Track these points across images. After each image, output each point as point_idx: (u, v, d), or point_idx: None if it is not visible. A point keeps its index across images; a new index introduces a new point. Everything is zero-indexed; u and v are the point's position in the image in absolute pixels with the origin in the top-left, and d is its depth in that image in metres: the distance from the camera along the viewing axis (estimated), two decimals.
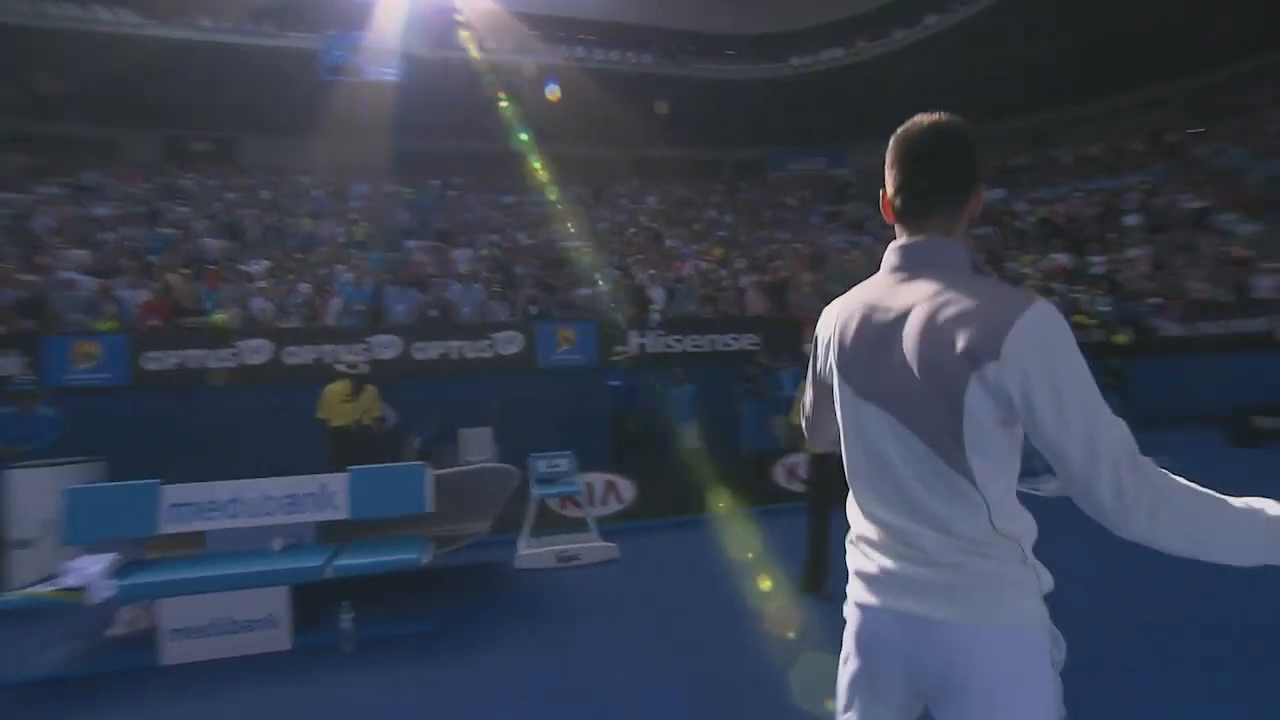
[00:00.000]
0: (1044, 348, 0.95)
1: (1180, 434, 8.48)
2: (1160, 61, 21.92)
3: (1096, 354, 11.37)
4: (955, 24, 21.88)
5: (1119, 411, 0.95)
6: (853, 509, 1.20)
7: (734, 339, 10.03)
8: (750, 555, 5.26)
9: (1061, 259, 13.99)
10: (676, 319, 10.08)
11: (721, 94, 24.91)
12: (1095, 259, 13.97)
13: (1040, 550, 1.08)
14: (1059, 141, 24.85)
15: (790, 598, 4.21)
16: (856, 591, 1.16)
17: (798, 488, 6.55)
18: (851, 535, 1.20)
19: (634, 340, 9.35)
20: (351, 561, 3.99)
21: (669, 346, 9.64)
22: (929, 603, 1.04)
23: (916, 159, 1.15)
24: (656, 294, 10.79)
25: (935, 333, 1.02)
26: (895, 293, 1.12)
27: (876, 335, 1.11)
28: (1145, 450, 0.93)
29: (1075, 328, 1.78)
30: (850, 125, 26.69)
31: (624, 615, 4.17)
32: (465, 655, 3.62)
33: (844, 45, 25.02)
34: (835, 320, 1.22)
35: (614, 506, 6.40)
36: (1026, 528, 1.06)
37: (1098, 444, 0.91)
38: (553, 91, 20.66)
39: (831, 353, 1.21)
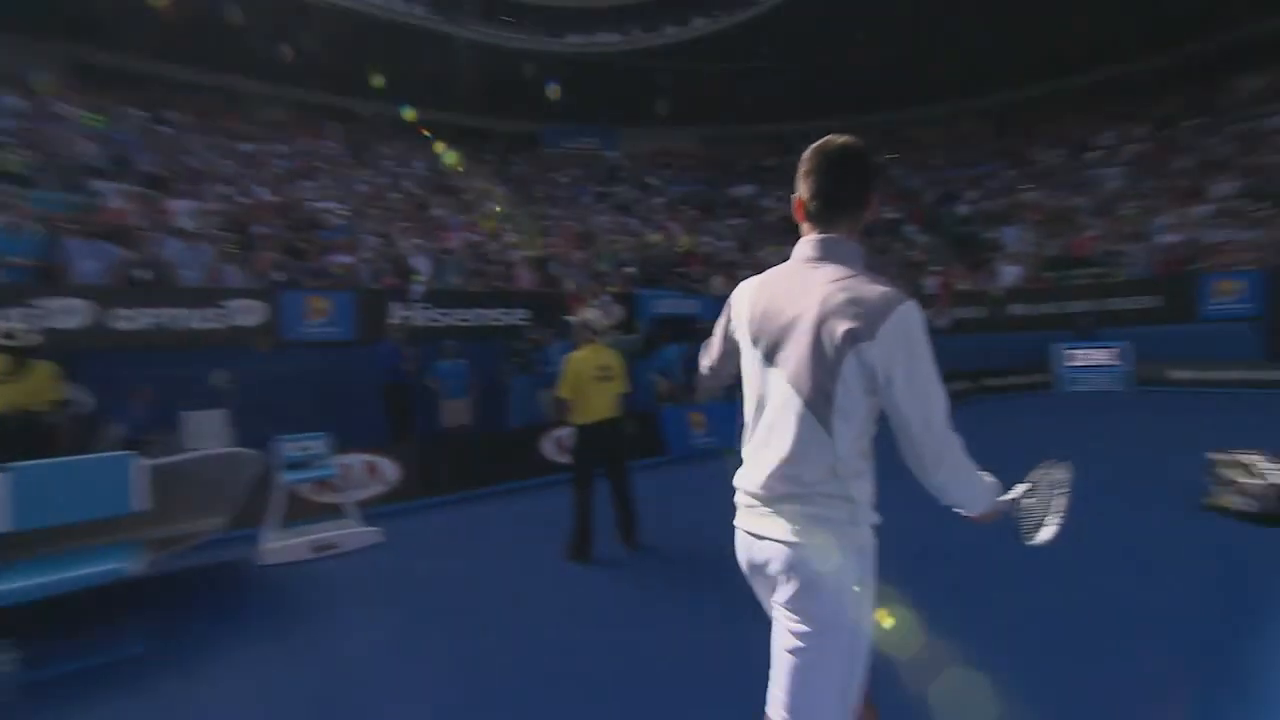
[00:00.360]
0: (907, 337, 1.26)
1: None
2: (865, 96, 26.47)
3: None
4: (718, 30, 23.81)
5: None
6: (745, 454, 1.48)
7: (504, 314, 9.99)
8: (521, 530, 5.35)
9: None
10: (444, 292, 9.71)
11: (496, 60, 24.12)
12: None
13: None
14: (798, 149, 28.69)
15: (560, 569, 4.37)
16: (738, 515, 1.49)
17: (566, 460, 6.81)
18: (738, 475, 1.50)
19: (398, 312, 8.83)
20: (14, 585, 3.20)
21: (434, 320, 9.28)
22: (774, 525, 1.36)
23: (830, 172, 1.41)
24: (421, 264, 10.26)
25: (828, 315, 1.29)
26: (802, 279, 1.38)
27: (783, 313, 1.38)
28: None
29: None
30: (623, 110, 27.93)
31: (389, 603, 3.96)
32: (188, 676, 3.10)
33: (620, 31, 25.83)
34: (750, 297, 1.49)
35: (377, 489, 6.02)
36: (862, 478, 1.37)
37: (932, 419, 1.27)
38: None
39: (745, 323, 1.47)
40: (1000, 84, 25.67)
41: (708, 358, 1.76)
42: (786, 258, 1.49)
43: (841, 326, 1.27)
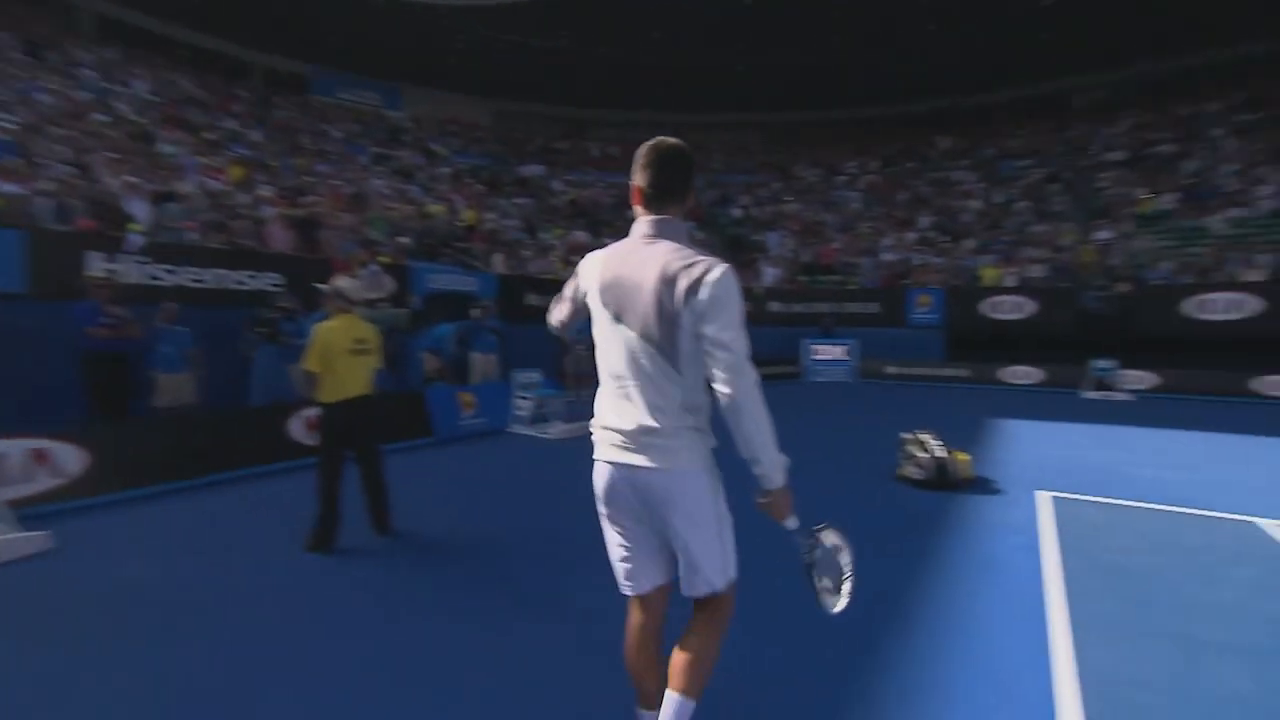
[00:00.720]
0: (725, 291, 1.61)
1: None
2: (656, 94, 27.79)
3: None
4: (517, 1, 23.02)
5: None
6: (599, 402, 1.80)
7: (250, 277, 8.72)
8: (255, 521, 4.72)
9: (583, 236, 16.72)
10: (172, 246, 8.18)
11: None
12: (606, 240, 17.11)
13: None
14: (592, 136, 29.31)
15: (297, 563, 3.93)
16: (599, 453, 1.79)
17: (314, 441, 6.17)
18: (595, 420, 1.81)
19: (99, 264, 7.20)
20: None
21: (156, 279, 7.77)
22: (643, 457, 1.69)
23: (663, 166, 1.75)
24: (137, 209, 8.50)
25: (667, 278, 1.63)
26: (643, 252, 1.71)
27: (629, 279, 1.69)
28: None
29: None
30: (411, 68, 25.95)
31: (53, 627, 3.16)
32: None
33: None
34: (598, 267, 1.79)
35: (48, 483, 4.85)
36: (704, 406, 1.73)
37: (737, 357, 1.62)
38: None
39: (595, 289, 1.77)
40: (774, 104, 28.74)
41: (557, 315, 2.07)
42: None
43: (679, 285, 1.62)
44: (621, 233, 1.92)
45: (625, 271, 1.73)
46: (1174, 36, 22.36)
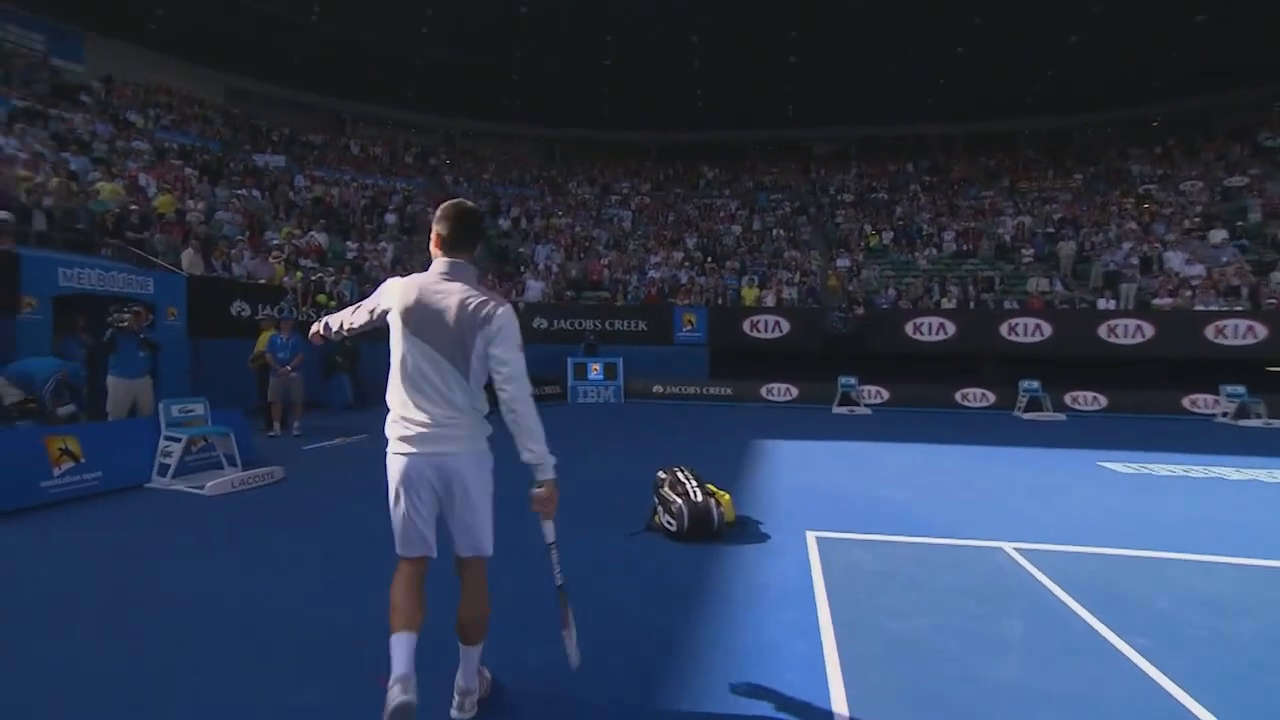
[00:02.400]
0: (508, 322, 2.11)
1: None
2: (427, 93, 25.44)
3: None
4: None
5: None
6: (395, 402, 2.15)
7: None
8: None
9: (320, 239, 13.96)
10: None
11: None
12: (350, 244, 14.53)
13: None
14: (353, 133, 25.86)
15: None
16: (399, 447, 2.12)
17: None
18: (393, 417, 2.15)
19: None
20: None
21: None
22: (443, 445, 2.10)
23: (460, 221, 2.20)
24: None
25: (464, 309, 2.09)
26: (442, 286, 2.14)
27: (430, 305, 2.10)
28: None
29: (316, 306, 10.89)
30: (101, 11, 20.38)
31: None
32: None
33: None
34: (401, 291, 2.16)
35: None
36: (484, 407, 2.20)
37: (517, 369, 2.12)
38: None
39: (397, 310, 2.13)
40: (550, 120, 27.97)
41: (343, 323, 2.43)
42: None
43: (474, 317, 2.08)
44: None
45: (428, 300, 2.11)
46: (879, 111, 26.38)
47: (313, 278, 11.63)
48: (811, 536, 4.54)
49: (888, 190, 23.88)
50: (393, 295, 2.15)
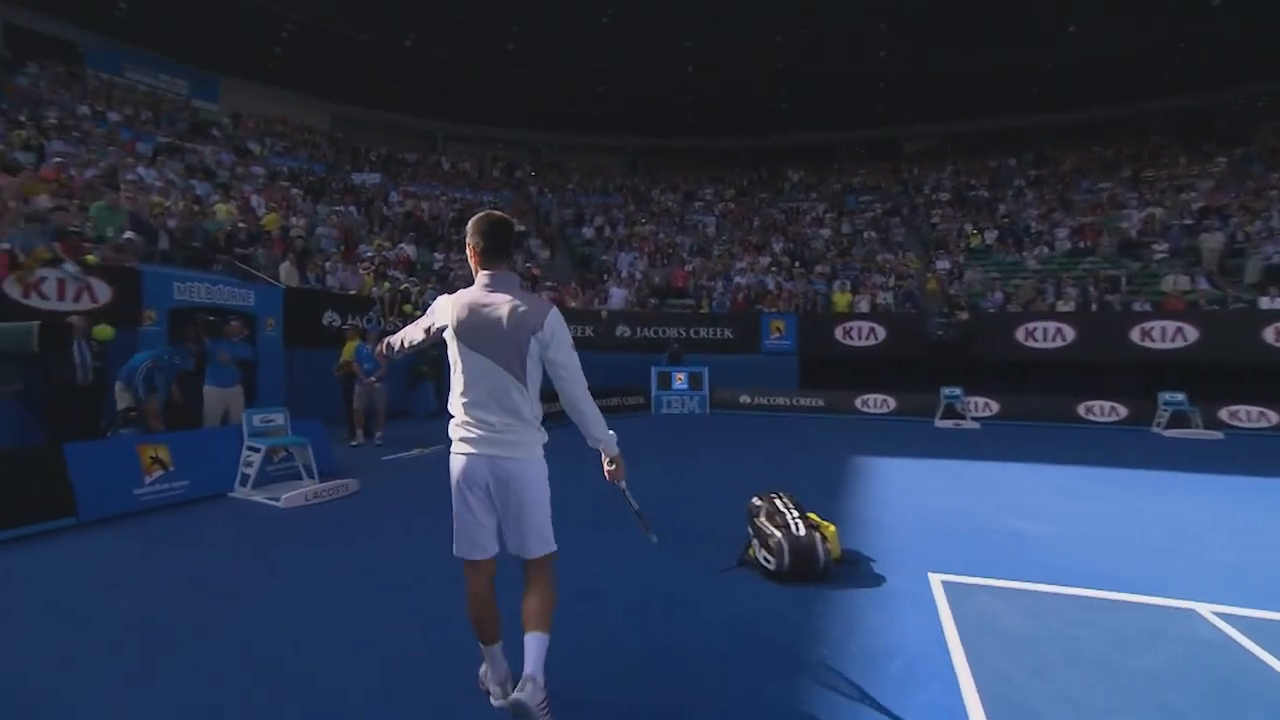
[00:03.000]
0: (559, 325, 2.21)
1: None
2: (511, 109, 25.93)
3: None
4: None
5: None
6: (456, 410, 2.24)
7: None
8: None
9: (409, 251, 14.21)
10: None
11: None
12: (438, 255, 14.71)
13: None
14: (444, 150, 26.71)
15: None
16: (460, 447, 2.23)
17: None
18: (455, 423, 2.24)
19: None
20: None
21: None
22: (501, 449, 2.18)
23: (494, 233, 2.25)
24: None
25: (515, 317, 2.16)
26: (489, 298, 2.20)
27: (481, 318, 2.18)
28: None
29: (403, 316, 10.99)
30: (230, 56, 22.16)
31: None
32: None
33: None
34: (452, 307, 2.23)
35: None
36: (539, 413, 2.27)
37: (575, 369, 2.24)
38: None
39: (452, 324, 2.21)
40: (634, 128, 27.81)
41: (403, 341, 2.46)
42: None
43: (525, 324, 2.15)
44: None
45: (479, 312, 2.18)
46: (976, 104, 24.56)
47: (399, 288, 11.75)
48: (937, 581, 3.76)
49: (988, 187, 22.00)
50: (446, 311, 2.24)
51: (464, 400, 2.20)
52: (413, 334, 2.40)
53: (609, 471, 2.41)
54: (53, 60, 19.32)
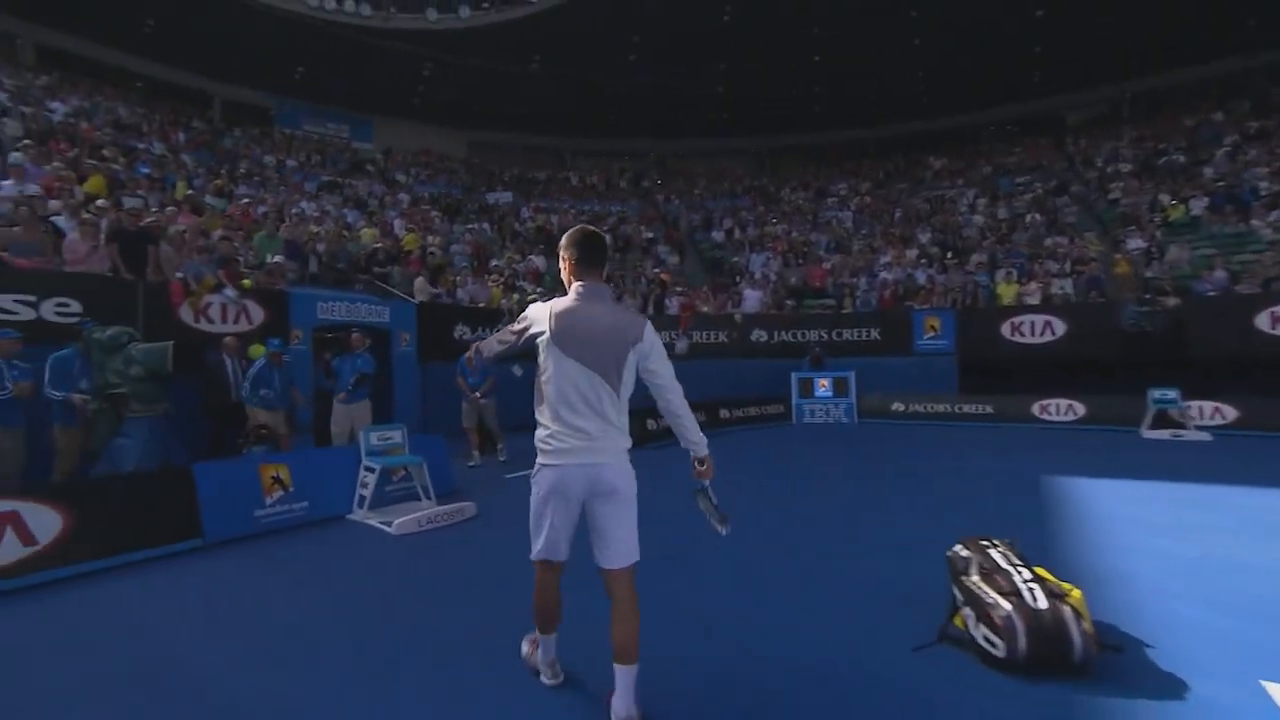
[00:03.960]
0: (655, 336, 2.28)
1: None
2: (636, 121, 25.73)
3: None
4: (488, 25, 20.87)
5: None
6: (547, 418, 2.23)
7: (20, 302, 6.06)
8: None
9: (538, 262, 14.09)
10: None
11: (224, 12, 18.57)
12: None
13: None
14: (571, 166, 27.11)
15: None
16: (551, 459, 2.21)
17: None
18: (545, 434, 2.23)
19: None
20: None
21: None
22: (596, 456, 2.19)
23: (587, 246, 2.30)
24: None
25: (615, 328, 2.21)
26: (587, 308, 2.23)
27: (580, 327, 2.19)
28: None
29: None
30: (381, 100, 23.97)
31: None
32: None
33: (374, 4, 21.82)
34: (549, 315, 2.23)
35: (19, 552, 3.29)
36: (627, 421, 2.28)
37: (670, 380, 2.28)
38: None
39: (548, 334, 2.20)
40: (757, 128, 26.58)
41: (499, 348, 2.46)
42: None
43: (625, 335, 2.20)
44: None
45: (578, 322, 2.19)
46: (1161, 55, 20.63)
47: (527, 297, 11.52)
48: (1278, 692, 2.38)
49: (1186, 149, 18.20)
50: (542, 319, 2.24)
51: (558, 408, 2.20)
52: (504, 338, 2.42)
53: (698, 471, 2.41)
54: (251, 123, 21.90)
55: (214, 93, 22.89)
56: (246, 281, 7.91)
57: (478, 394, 7.73)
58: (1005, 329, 11.73)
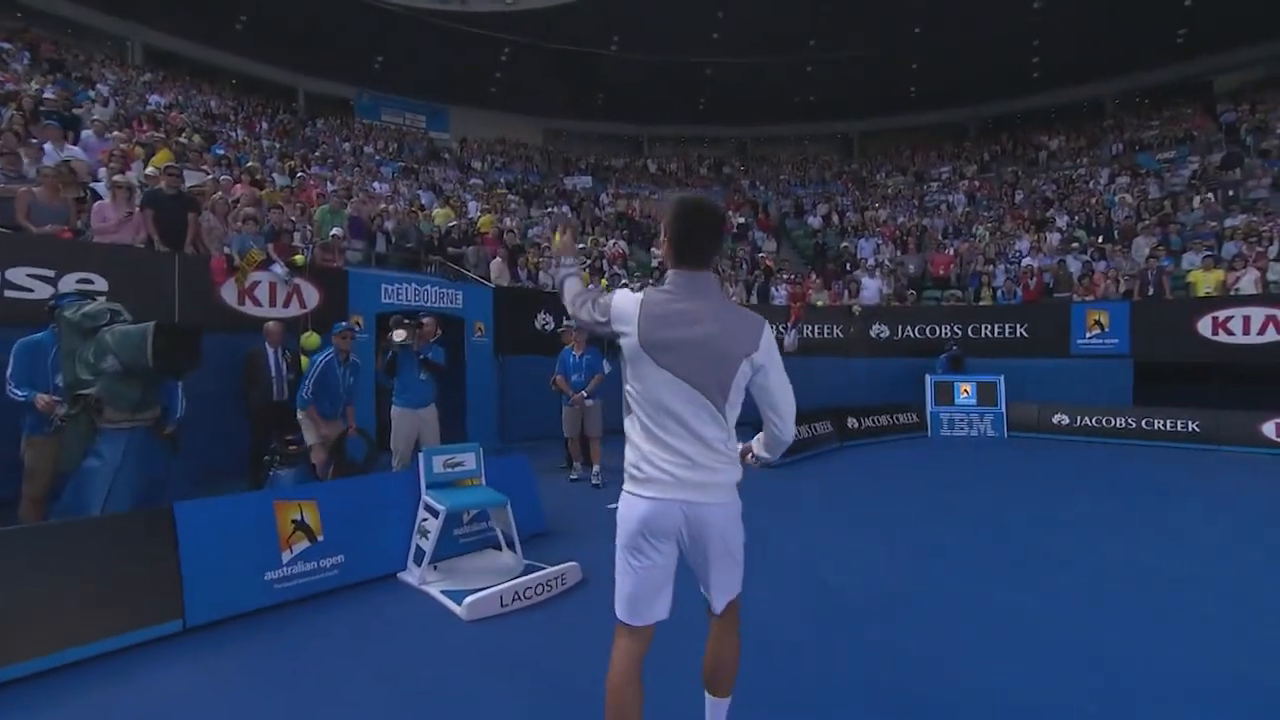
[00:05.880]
0: (773, 345, 1.69)
1: None
2: (720, 108, 23.76)
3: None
4: (564, 4, 19.22)
5: None
6: (637, 437, 1.69)
7: (34, 276, 4.79)
8: None
9: (621, 245, 12.37)
10: None
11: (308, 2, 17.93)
12: (655, 251, 12.73)
13: None
14: (650, 153, 25.41)
15: None
16: (641, 489, 1.67)
17: None
18: (636, 456, 1.68)
19: None
20: None
21: None
22: (696, 492, 1.64)
23: (702, 225, 1.68)
24: None
25: (725, 333, 1.62)
26: (688, 306, 1.64)
27: (676, 331, 1.62)
28: None
29: None
30: (457, 89, 22.98)
31: None
32: None
33: None
34: (638, 311, 1.65)
35: None
36: (736, 446, 1.75)
37: (787, 408, 1.72)
38: None
39: (637, 336, 1.63)
40: (848, 109, 24.11)
41: (587, 318, 1.79)
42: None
43: (737, 343, 1.63)
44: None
45: (673, 324, 1.63)
46: None
47: (620, 283, 9.80)
48: None
49: None
50: (628, 316, 1.67)
51: (650, 430, 1.66)
52: (595, 315, 1.75)
53: (751, 461, 1.88)
54: (332, 115, 21.29)
55: (298, 85, 22.46)
56: (299, 257, 6.51)
57: (584, 394, 6.02)
58: (1204, 325, 9.11)
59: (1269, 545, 4.32)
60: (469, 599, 3.00)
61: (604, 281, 9.86)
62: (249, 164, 9.76)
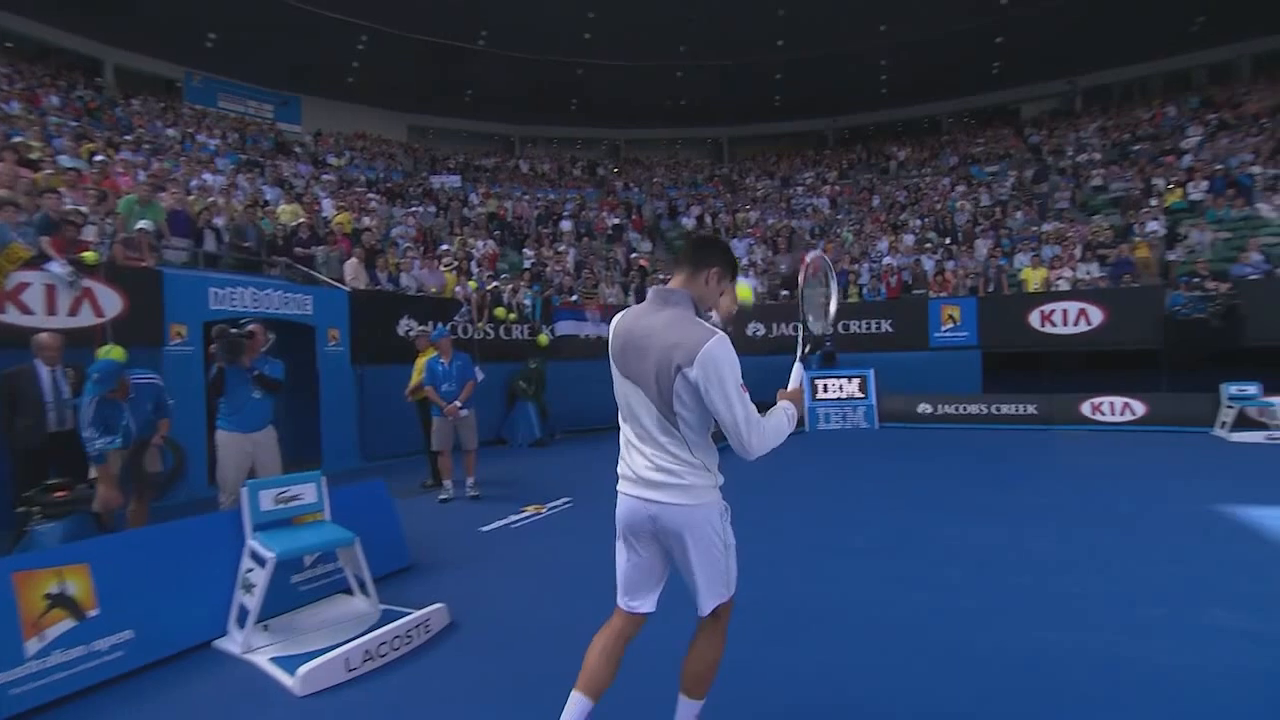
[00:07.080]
0: (715, 362, 1.61)
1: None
2: (590, 110, 23.62)
3: (518, 353, 9.31)
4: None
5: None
6: (622, 439, 1.83)
7: None
8: None
9: (491, 246, 11.72)
10: None
11: None
12: (528, 252, 12.20)
13: None
14: (522, 154, 24.70)
15: None
16: (621, 485, 1.81)
17: None
18: (620, 456, 1.82)
19: None
20: None
21: None
22: (659, 493, 1.72)
23: (686, 244, 1.91)
24: None
25: (664, 347, 1.67)
26: (650, 315, 1.75)
27: (634, 340, 1.74)
28: None
29: (493, 321, 7.62)
30: (309, 78, 20.87)
31: None
32: None
33: None
34: (617, 320, 1.85)
35: None
36: (712, 457, 1.76)
37: (737, 419, 1.63)
38: None
39: (611, 345, 1.82)
40: (717, 116, 24.92)
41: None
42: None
43: (671, 356, 1.65)
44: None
45: (634, 333, 1.75)
46: (1109, 53, 20.43)
47: (489, 287, 9.18)
48: None
49: (1151, 139, 17.56)
50: (613, 329, 1.86)
51: (624, 430, 1.83)
52: None
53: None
54: (152, 95, 18.40)
55: (106, 58, 19.25)
56: (90, 254, 5.33)
57: (457, 404, 5.41)
58: (1034, 318, 10.26)
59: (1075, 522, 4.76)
60: (303, 668, 2.41)
61: (473, 283, 9.19)
62: (16, 140, 8.01)
